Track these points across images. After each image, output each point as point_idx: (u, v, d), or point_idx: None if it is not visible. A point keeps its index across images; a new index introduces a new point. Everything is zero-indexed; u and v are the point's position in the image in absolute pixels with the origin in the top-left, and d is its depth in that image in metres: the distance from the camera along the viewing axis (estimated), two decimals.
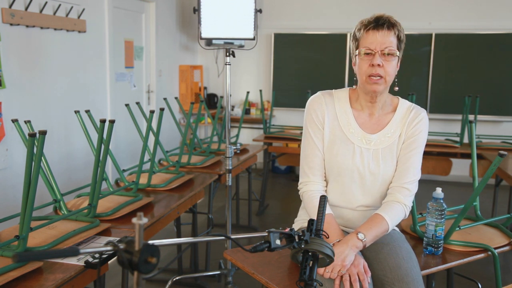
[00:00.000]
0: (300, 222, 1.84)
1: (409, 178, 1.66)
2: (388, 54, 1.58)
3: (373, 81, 1.59)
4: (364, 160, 1.67)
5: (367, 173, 1.67)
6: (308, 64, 6.07)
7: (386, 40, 1.58)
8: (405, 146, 1.68)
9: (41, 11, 3.42)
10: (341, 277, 1.47)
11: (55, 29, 3.59)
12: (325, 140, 1.72)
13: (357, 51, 1.63)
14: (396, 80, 1.68)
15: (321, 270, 1.48)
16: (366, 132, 1.70)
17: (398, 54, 1.61)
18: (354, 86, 1.75)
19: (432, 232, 1.79)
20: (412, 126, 1.68)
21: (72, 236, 1.73)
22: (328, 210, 1.64)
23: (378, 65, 1.58)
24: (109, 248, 0.82)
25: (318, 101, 1.74)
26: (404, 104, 1.73)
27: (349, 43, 1.71)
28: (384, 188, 1.70)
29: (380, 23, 1.59)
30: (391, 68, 1.60)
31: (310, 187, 1.73)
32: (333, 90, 1.78)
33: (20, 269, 1.44)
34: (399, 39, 1.62)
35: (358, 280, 1.45)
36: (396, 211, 1.62)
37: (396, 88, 1.70)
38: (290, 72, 6.15)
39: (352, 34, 1.68)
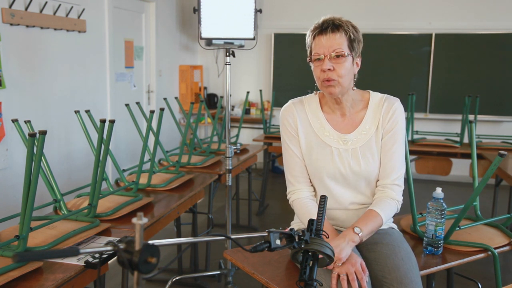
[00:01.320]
0: (296, 225, 1.84)
1: (397, 174, 1.68)
2: (337, 56, 1.59)
3: (327, 85, 1.62)
4: (344, 161, 1.68)
5: (350, 173, 1.68)
6: (308, 64, 6.06)
7: (333, 43, 1.59)
8: (385, 141, 1.68)
9: (41, 11, 3.42)
10: (338, 276, 1.46)
11: (55, 29, 3.59)
12: (302, 148, 1.73)
13: (308, 58, 1.66)
14: (355, 79, 1.68)
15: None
16: (341, 133, 1.70)
17: (348, 55, 1.60)
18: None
19: (432, 232, 1.79)
20: (387, 120, 1.68)
21: (72, 236, 1.73)
22: None
23: (329, 69, 1.59)
24: (109, 248, 0.82)
25: (289, 110, 1.76)
26: (375, 98, 1.73)
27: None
28: (370, 183, 1.71)
29: (324, 27, 1.61)
30: (344, 70, 1.60)
31: (298, 195, 1.74)
32: (304, 96, 1.79)
33: (20, 269, 1.44)
34: (350, 38, 1.61)
35: (356, 279, 1.45)
36: (390, 207, 1.65)
37: (354, 88, 1.70)
38: (290, 72, 6.15)
39: (306, 42, 1.69)
